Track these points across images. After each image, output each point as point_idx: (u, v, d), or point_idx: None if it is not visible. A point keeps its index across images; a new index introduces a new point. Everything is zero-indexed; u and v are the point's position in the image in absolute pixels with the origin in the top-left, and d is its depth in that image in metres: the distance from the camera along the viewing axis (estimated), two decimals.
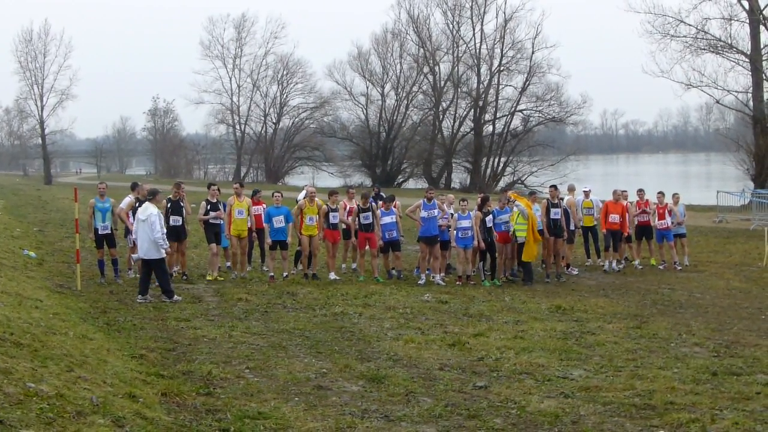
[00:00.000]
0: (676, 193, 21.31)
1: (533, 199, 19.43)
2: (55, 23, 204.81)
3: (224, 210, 17.85)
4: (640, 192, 20.73)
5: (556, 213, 18.69)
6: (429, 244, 17.87)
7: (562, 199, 19.58)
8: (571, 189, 21.28)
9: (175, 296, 14.56)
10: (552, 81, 73.79)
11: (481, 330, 12.32)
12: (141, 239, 14.69)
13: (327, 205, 18.06)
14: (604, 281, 18.41)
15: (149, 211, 14.58)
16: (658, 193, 20.77)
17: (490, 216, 17.91)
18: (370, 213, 18.03)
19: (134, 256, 16.17)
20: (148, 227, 14.44)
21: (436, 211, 17.79)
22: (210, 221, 17.59)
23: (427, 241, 17.86)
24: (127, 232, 17.28)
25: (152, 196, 15.10)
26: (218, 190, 18.28)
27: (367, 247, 18.28)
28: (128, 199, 17.26)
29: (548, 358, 10.50)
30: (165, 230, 14.97)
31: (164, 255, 14.88)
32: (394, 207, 18.29)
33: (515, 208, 18.13)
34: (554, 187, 19.66)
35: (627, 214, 19.92)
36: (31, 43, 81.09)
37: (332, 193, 18.81)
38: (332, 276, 17.72)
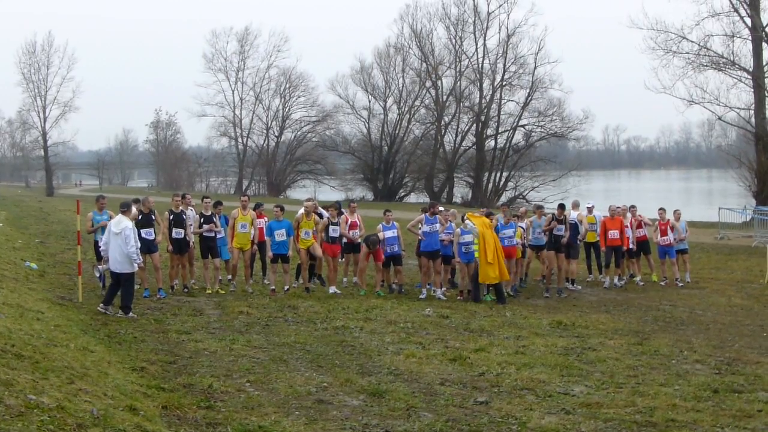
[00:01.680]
0: (677, 209, 21.33)
1: (539, 214, 19.47)
2: (58, 35, 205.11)
3: (225, 223, 17.86)
4: (633, 208, 20.75)
5: (559, 229, 18.74)
6: (430, 259, 17.85)
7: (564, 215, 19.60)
8: (575, 205, 21.26)
9: (131, 314, 14.16)
10: (554, 96, 74.29)
11: (482, 345, 12.30)
12: (113, 252, 14.40)
13: (327, 218, 18.07)
14: (606, 297, 18.39)
15: (123, 224, 14.32)
16: (660, 209, 20.79)
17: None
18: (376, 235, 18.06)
19: (100, 267, 15.97)
20: (122, 241, 14.15)
21: (437, 226, 17.79)
22: (204, 234, 17.55)
23: (428, 255, 17.84)
24: None
25: (126, 209, 14.77)
26: (220, 203, 18.28)
27: (370, 260, 18.28)
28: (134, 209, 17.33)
29: (549, 374, 10.49)
30: (139, 244, 14.72)
31: (136, 269, 14.65)
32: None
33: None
34: (562, 207, 19.69)
35: (626, 229, 19.94)
36: (35, 55, 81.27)
37: (332, 206, 18.82)
38: (332, 290, 17.71)
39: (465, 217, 18.07)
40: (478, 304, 16.86)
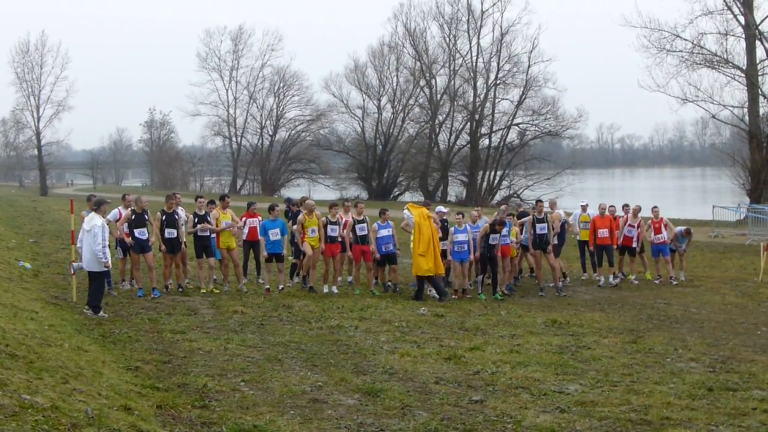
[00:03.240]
0: (690, 228, 21.37)
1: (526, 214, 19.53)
2: (52, 35, 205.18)
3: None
4: (625, 206, 20.77)
5: (542, 228, 18.75)
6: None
7: (547, 213, 19.68)
8: (553, 204, 21.33)
9: (101, 313, 14.05)
10: (548, 95, 74.38)
11: (477, 344, 12.30)
12: (85, 250, 14.38)
13: (326, 217, 18.03)
14: (600, 295, 18.40)
15: (94, 221, 14.25)
16: (653, 207, 20.83)
17: (497, 234, 17.77)
18: (365, 224, 18.05)
19: (75, 264, 15.86)
20: (91, 238, 14.12)
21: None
22: (198, 233, 17.53)
23: None
24: (119, 243, 17.25)
25: (97, 206, 14.71)
26: (213, 202, 18.26)
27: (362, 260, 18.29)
28: (116, 211, 17.26)
29: (544, 373, 10.49)
30: (107, 242, 14.43)
31: (104, 269, 14.51)
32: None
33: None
34: (540, 201, 20.00)
35: (632, 228, 19.98)
36: (28, 55, 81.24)
37: (332, 205, 18.78)
38: (326, 289, 17.69)
39: (405, 207, 18.09)
40: (473, 302, 16.86)
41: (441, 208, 20.48)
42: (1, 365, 7.85)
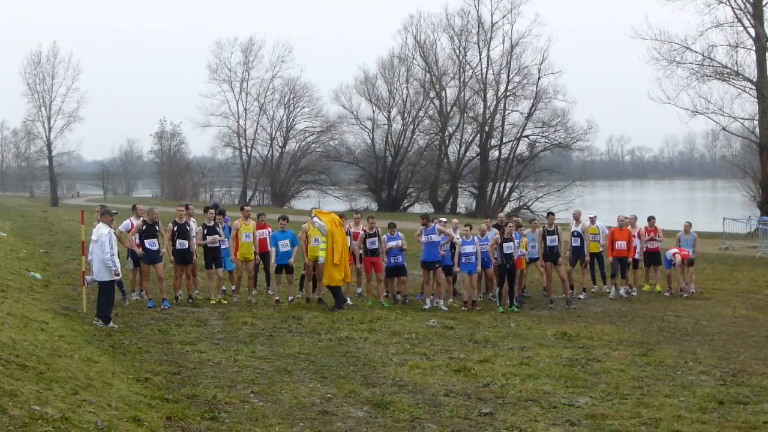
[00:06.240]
0: (688, 222, 21.34)
1: (534, 226, 19.45)
2: (63, 46, 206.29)
3: (228, 233, 17.90)
4: (651, 219, 20.77)
5: (552, 240, 18.72)
6: (429, 270, 17.79)
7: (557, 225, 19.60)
8: (577, 215, 21.23)
9: (111, 324, 14.06)
10: (558, 107, 74.28)
11: (487, 356, 12.28)
12: (95, 260, 14.39)
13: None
14: (610, 308, 18.35)
15: (101, 231, 14.23)
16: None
17: (511, 243, 17.74)
18: (376, 238, 18.05)
19: (88, 278, 15.85)
20: (99, 248, 14.13)
21: (435, 237, 17.74)
22: (208, 245, 17.56)
23: (427, 266, 17.80)
24: (130, 254, 17.30)
25: (103, 216, 14.65)
26: (223, 213, 18.27)
27: (372, 271, 18.29)
28: (128, 221, 17.28)
29: (554, 385, 10.46)
30: (116, 250, 14.42)
31: (115, 278, 14.45)
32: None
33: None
34: (551, 213, 19.90)
35: (633, 240, 19.99)
36: (40, 66, 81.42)
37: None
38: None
39: (312, 214, 17.97)
40: (482, 314, 16.83)
41: (444, 218, 20.48)
42: (11, 376, 7.87)
